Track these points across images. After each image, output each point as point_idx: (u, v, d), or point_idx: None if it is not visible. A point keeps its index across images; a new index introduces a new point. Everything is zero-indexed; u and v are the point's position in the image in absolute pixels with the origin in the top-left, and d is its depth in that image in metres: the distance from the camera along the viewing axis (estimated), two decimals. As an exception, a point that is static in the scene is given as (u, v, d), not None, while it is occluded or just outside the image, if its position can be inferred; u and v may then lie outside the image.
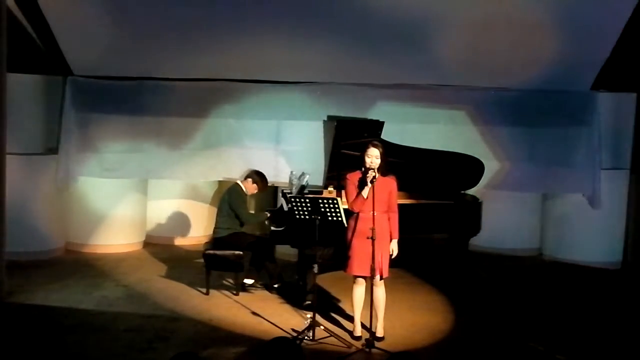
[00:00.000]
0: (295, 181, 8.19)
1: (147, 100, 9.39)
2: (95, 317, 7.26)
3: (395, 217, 6.74)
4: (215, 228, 8.27)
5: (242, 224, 8.19)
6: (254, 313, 7.47)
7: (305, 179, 8.12)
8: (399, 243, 6.76)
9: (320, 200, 6.69)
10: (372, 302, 6.55)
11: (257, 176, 8.33)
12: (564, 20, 8.72)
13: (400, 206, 6.90)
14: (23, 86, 9.00)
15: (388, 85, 9.43)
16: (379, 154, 6.57)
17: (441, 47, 8.97)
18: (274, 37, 8.87)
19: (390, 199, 6.69)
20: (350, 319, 7.07)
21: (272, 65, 9.17)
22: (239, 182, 8.35)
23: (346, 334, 6.93)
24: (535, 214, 10.24)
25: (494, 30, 8.82)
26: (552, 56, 9.06)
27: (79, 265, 9.09)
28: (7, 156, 7.86)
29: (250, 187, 8.29)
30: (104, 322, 7.10)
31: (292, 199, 6.86)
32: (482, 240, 9.59)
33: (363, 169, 6.63)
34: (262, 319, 7.30)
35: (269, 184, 8.67)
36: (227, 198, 8.19)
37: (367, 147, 6.61)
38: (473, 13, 8.69)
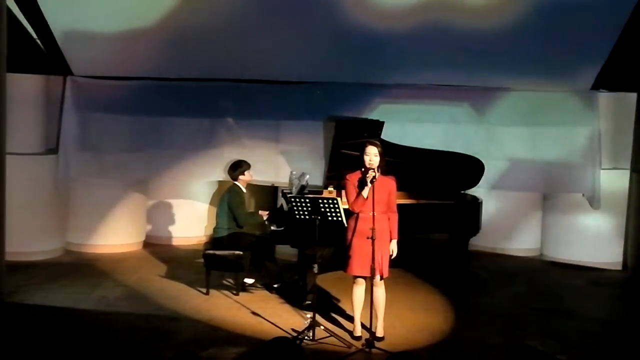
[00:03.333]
0: (295, 181, 8.18)
1: (147, 100, 9.39)
2: (94, 317, 7.25)
3: (395, 217, 6.74)
4: (215, 228, 8.26)
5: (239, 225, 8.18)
6: (254, 313, 7.47)
7: (305, 179, 8.11)
8: (398, 243, 6.76)
9: (320, 200, 6.68)
10: (372, 302, 6.55)
11: (238, 167, 8.23)
12: (564, 20, 8.72)
13: (400, 206, 6.90)
14: (23, 86, 9.00)
15: (388, 85, 9.44)
16: (377, 152, 6.56)
17: (441, 47, 8.97)
18: (274, 37, 8.87)
19: (390, 199, 6.69)
20: (350, 319, 7.07)
21: (272, 65, 9.18)
22: (236, 182, 8.33)
23: (346, 334, 6.93)
24: (535, 214, 10.23)
25: (494, 30, 8.82)
26: (552, 56, 9.06)
27: (78, 265, 9.08)
28: (7, 156, 7.86)
29: (243, 181, 8.24)
30: (104, 322, 7.09)
31: (292, 199, 6.85)
32: (482, 240, 9.61)
33: (362, 169, 6.63)
34: (262, 319, 7.30)
35: (269, 184, 8.65)
36: (227, 198, 8.18)
37: (365, 146, 6.60)
38: (473, 13, 8.69)
